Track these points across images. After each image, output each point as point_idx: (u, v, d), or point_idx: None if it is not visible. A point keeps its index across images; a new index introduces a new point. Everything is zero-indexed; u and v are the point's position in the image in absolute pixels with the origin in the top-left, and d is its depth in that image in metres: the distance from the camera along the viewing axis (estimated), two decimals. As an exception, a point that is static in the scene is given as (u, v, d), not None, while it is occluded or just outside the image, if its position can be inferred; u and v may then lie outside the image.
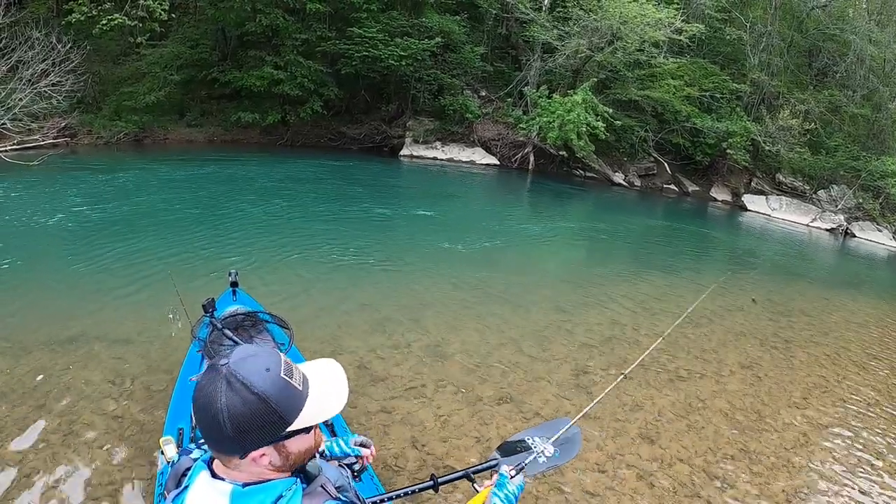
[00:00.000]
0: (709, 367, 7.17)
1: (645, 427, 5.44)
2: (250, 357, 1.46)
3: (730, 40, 26.55)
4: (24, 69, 15.50)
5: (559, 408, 5.52)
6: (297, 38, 21.24)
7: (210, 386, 1.42)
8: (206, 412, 1.41)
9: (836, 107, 26.90)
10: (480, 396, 5.55)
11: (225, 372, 1.41)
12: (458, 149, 24.07)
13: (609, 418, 5.49)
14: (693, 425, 5.63)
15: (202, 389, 1.44)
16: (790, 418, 6.21)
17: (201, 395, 1.43)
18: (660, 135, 25.49)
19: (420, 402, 5.31)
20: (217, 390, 1.40)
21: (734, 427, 5.75)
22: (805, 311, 10.79)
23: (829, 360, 8.31)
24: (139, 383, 5.07)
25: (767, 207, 24.86)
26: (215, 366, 1.45)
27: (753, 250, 17.72)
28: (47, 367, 5.19)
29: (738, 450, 5.35)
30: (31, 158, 13.79)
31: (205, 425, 1.43)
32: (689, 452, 5.15)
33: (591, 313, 8.53)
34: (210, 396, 1.40)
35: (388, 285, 8.60)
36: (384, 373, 5.74)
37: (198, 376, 3.94)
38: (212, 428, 1.41)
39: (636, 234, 16.25)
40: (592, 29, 22.24)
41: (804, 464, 5.34)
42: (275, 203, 13.24)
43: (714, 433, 5.55)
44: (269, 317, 4.38)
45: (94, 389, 4.93)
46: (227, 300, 4.91)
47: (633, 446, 5.10)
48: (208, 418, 1.41)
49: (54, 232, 9.36)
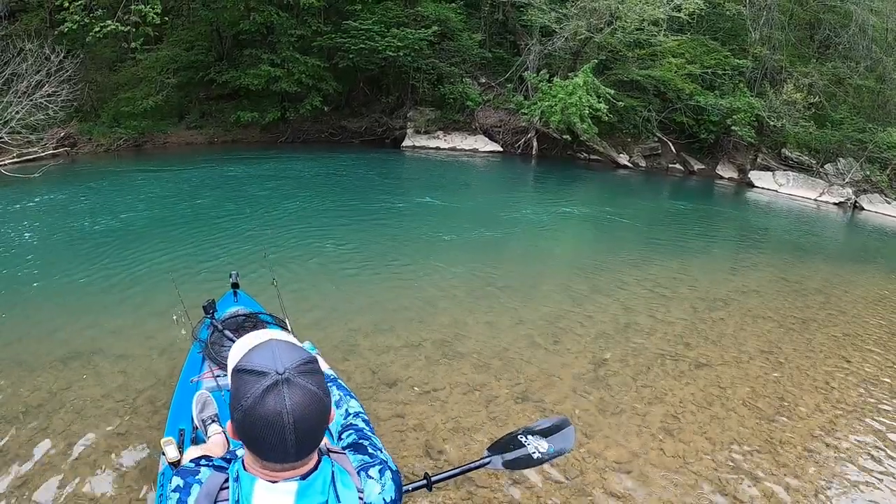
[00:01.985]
0: (728, 352, 7.02)
1: (667, 420, 5.31)
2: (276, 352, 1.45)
3: (729, 15, 26.19)
4: (19, 82, 15.41)
5: (577, 404, 5.39)
6: (292, 35, 21.09)
7: (296, 394, 1.39)
8: (315, 409, 1.41)
9: (839, 79, 26.51)
10: (496, 395, 5.42)
11: (292, 374, 1.40)
12: (460, 137, 23.90)
13: (630, 412, 5.35)
14: (716, 416, 5.50)
15: (296, 405, 1.38)
16: (814, 404, 6.06)
17: (299, 408, 1.38)
18: (663, 114, 25.22)
19: (433, 405, 5.19)
20: (305, 387, 1.41)
21: (758, 416, 5.61)
22: (820, 290, 10.61)
23: (848, 340, 8.14)
24: (144, 398, 4.96)
25: (774, 183, 24.59)
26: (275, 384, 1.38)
27: (762, 227, 17.52)
28: (50, 386, 5.09)
29: (763, 440, 5.20)
30: (32, 171, 13.71)
31: (319, 425, 1.44)
32: (713, 446, 5.01)
33: (604, 301, 8.38)
34: (307, 397, 1.40)
35: (396, 281, 8.48)
36: (396, 375, 5.62)
37: (199, 377, 3.90)
38: (323, 418, 1.44)
39: (644, 216, 16.07)
40: (591, 10, 21.96)
41: (832, 454, 5.18)
42: (277, 201, 13.15)
43: (738, 424, 5.41)
44: (270, 317, 4.47)
45: (98, 407, 4.82)
46: (227, 301, 4.95)
47: (655, 441, 4.97)
48: (320, 411, 1.43)
49: (55, 245, 9.27)
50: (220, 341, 4.08)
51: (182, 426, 3.49)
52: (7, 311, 6.77)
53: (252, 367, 1.42)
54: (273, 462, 1.44)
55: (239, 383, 1.42)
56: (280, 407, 1.36)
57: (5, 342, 5.96)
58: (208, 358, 4.01)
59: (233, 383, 1.45)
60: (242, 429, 1.41)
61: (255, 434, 1.39)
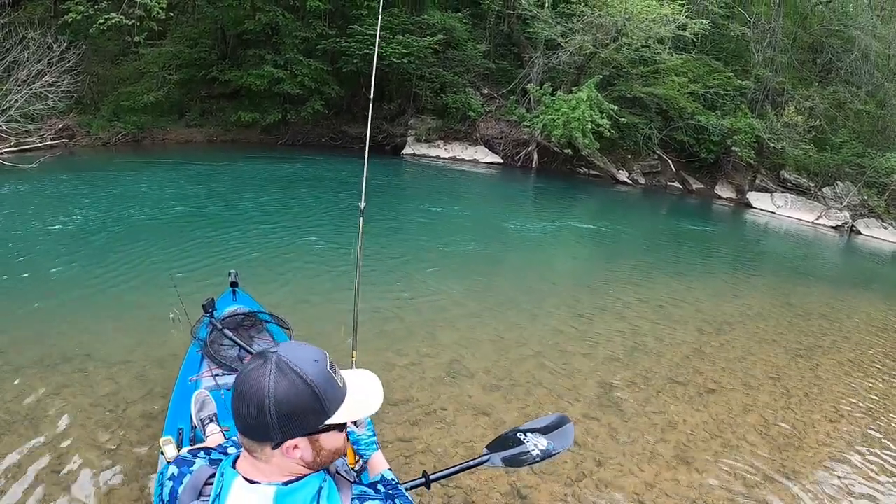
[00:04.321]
0: (736, 378, 6.92)
1: (680, 448, 5.20)
2: (300, 347, 1.52)
3: (733, 36, 26.38)
4: (19, 70, 15.26)
5: (588, 429, 5.27)
6: (297, 37, 20.96)
7: (258, 370, 1.45)
8: (251, 395, 1.43)
9: (840, 103, 26.63)
10: (504, 420, 5.28)
11: (275, 358, 1.46)
12: (460, 147, 23.80)
13: (642, 439, 5.24)
14: (728, 444, 5.39)
15: (248, 374, 1.46)
16: (824, 433, 5.98)
17: (247, 378, 1.46)
18: (664, 132, 25.26)
19: (441, 428, 5.03)
20: (266, 374, 1.44)
21: (770, 445, 5.51)
22: (823, 315, 10.56)
23: (854, 367, 8.08)
24: (136, 410, 4.74)
25: (772, 205, 24.63)
26: (264, 353, 1.49)
27: (762, 249, 17.52)
28: (37, 391, 4.86)
29: (775, 470, 5.10)
30: (29, 161, 13.53)
31: (246, 409, 1.44)
32: (728, 476, 4.90)
33: (610, 321, 8.28)
34: (257, 379, 1.44)
35: (395, 294, 8.23)
36: (401, 395, 5.45)
37: (197, 376, 3.79)
38: (254, 412, 1.43)
39: (645, 234, 16.02)
40: (597, 25, 21.98)
41: (846, 485, 5.09)
42: (275, 204, 13.00)
43: (750, 453, 5.30)
44: (269, 317, 4.48)
45: (87, 417, 4.60)
46: (226, 300, 4.88)
47: (669, 471, 4.85)
48: (253, 401, 1.43)
49: (48, 239, 9.00)
50: (219, 340, 4.06)
51: (181, 425, 3.45)
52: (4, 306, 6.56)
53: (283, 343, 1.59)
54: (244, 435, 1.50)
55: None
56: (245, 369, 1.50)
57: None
58: (207, 357, 3.97)
59: None
60: None
61: None
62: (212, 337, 4.05)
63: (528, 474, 4.51)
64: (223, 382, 3.75)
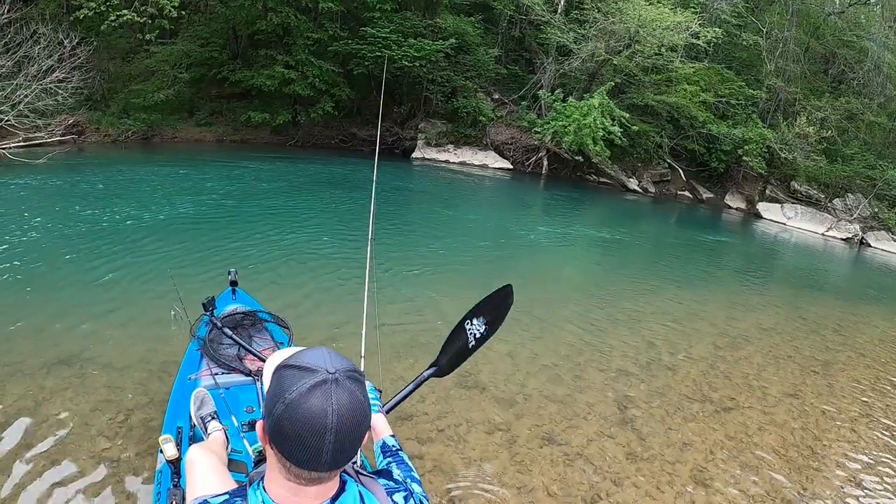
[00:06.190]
0: (753, 396, 6.80)
1: (697, 469, 5.08)
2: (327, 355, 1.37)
3: (746, 45, 26.30)
4: (30, 65, 15.26)
5: (604, 448, 5.15)
6: (309, 38, 20.96)
7: (343, 397, 1.30)
8: (359, 418, 1.32)
9: (852, 114, 26.52)
10: (518, 436, 5.16)
11: (342, 376, 1.32)
12: (470, 152, 23.76)
13: (659, 459, 5.13)
14: (747, 465, 5.27)
15: (342, 408, 1.29)
16: (841, 453, 5.85)
17: (345, 412, 1.29)
18: (675, 140, 25.18)
19: (452, 446, 4.90)
20: (352, 392, 1.32)
21: (788, 466, 5.39)
22: (837, 330, 10.43)
23: (869, 385, 7.95)
24: (137, 419, 4.59)
25: (782, 216, 24.51)
26: (324, 381, 1.30)
27: (773, 261, 17.42)
28: (35, 395, 4.72)
29: (796, 493, 4.99)
30: (38, 156, 13.53)
31: (359, 435, 1.34)
32: (746, 498, 4.80)
33: (624, 333, 8.16)
34: (353, 403, 1.31)
35: (403, 302, 8.10)
36: (410, 409, 5.32)
37: (197, 374, 3.71)
38: (364, 429, 1.35)
39: (655, 244, 15.92)
40: (610, 32, 21.91)
41: (867, 511, 4.99)
42: (283, 204, 12.97)
43: (769, 474, 5.18)
44: (269, 316, 4.46)
45: (86, 424, 4.45)
46: (226, 299, 4.85)
47: (687, 494, 4.74)
48: (363, 422, 1.34)
49: (52, 236, 8.88)
50: (218, 339, 4.04)
51: (180, 424, 3.42)
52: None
53: (302, 363, 1.34)
54: (303, 468, 1.32)
55: (282, 379, 1.33)
56: (326, 405, 1.27)
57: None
58: (206, 356, 3.95)
59: (273, 381, 1.36)
60: (279, 426, 1.30)
61: (293, 432, 1.29)
62: (211, 335, 4.05)
63: (544, 495, 4.41)
64: (222, 381, 3.73)
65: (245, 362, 3.91)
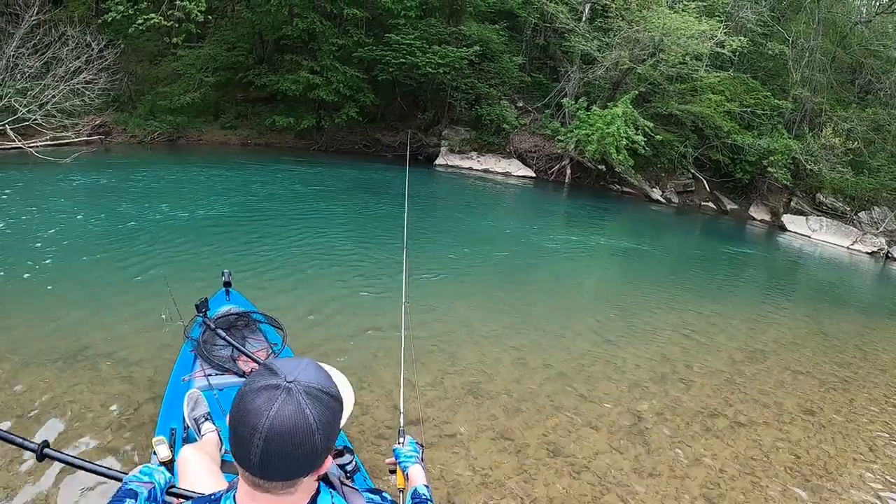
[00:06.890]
0: (768, 411, 6.75)
1: (706, 486, 5.05)
2: (304, 366, 1.39)
3: (771, 55, 26.05)
4: (58, 66, 15.55)
5: (612, 462, 5.14)
6: (334, 44, 21.13)
7: (287, 407, 1.29)
8: (297, 435, 1.28)
9: (879, 125, 26.15)
10: (524, 445, 5.15)
11: (298, 388, 1.31)
12: (493, 160, 23.78)
13: (668, 474, 5.11)
14: (758, 483, 5.23)
15: (280, 417, 1.28)
16: (857, 474, 5.79)
17: (280, 421, 1.27)
18: (699, 150, 24.99)
19: (457, 453, 4.90)
20: (301, 407, 1.29)
21: (801, 485, 5.35)
22: (858, 346, 10.30)
23: (889, 403, 7.84)
24: (146, 413, 4.67)
25: (807, 228, 24.23)
26: (276, 386, 1.31)
27: (796, 274, 17.25)
28: (46, 386, 4.83)
29: (808, 513, 4.96)
30: (65, 155, 13.84)
31: (295, 450, 1.30)
32: (757, 517, 4.77)
33: (638, 345, 8.12)
34: (295, 417, 1.28)
35: (417, 306, 7.99)
36: (416, 414, 5.30)
37: (190, 376, 3.76)
38: (304, 449, 1.30)
39: (676, 255, 15.83)
40: (634, 40, 21.84)
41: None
42: (311, 208, 13.11)
43: (781, 494, 5.14)
44: (262, 317, 4.46)
45: (96, 416, 4.55)
46: (220, 300, 4.86)
47: (696, 510, 4.73)
48: (300, 439, 1.29)
49: (74, 233, 9.06)
50: (212, 340, 4.05)
51: (173, 425, 3.43)
52: (12, 298, 6.57)
53: (274, 365, 1.37)
54: (242, 467, 1.34)
55: (254, 373, 1.39)
56: (264, 409, 1.28)
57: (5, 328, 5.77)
58: (200, 357, 3.98)
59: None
60: (230, 414, 1.35)
61: (232, 422, 1.34)
62: (205, 337, 4.06)
63: (552, 507, 4.42)
64: (216, 382, 3.75)
65: (239, 363, 3.94)
